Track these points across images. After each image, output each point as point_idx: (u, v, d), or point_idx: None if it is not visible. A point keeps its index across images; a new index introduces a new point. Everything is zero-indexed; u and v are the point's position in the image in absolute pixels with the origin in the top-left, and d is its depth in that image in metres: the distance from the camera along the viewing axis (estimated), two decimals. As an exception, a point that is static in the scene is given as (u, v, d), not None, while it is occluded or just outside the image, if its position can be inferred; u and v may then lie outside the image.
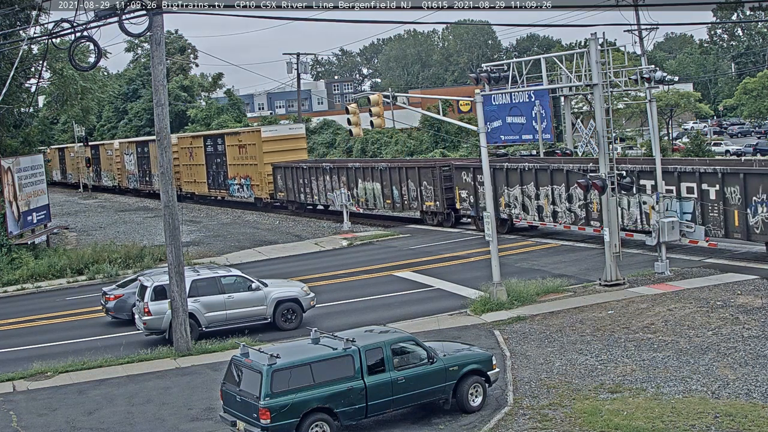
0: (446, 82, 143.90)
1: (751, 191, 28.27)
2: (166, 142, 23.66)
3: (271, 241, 44.27)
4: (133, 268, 36.83)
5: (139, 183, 73.09)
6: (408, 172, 44.04)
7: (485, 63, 32.02)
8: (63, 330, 28.70)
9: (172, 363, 23.15)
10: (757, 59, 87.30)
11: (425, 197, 42.96)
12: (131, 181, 74.91)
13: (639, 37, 57.14)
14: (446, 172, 41.95)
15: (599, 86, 27.31)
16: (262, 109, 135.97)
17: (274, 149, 54.65)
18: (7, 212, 39.17)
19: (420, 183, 43.09)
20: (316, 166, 51.34)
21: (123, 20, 21.98)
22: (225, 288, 25.62)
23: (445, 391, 17.69)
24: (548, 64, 29.42)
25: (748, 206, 28.31)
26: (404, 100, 29.32)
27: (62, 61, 42.90)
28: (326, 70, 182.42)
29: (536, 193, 36.40)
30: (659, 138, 32.93)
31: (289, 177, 53.13)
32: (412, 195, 43.74)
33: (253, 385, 16.16)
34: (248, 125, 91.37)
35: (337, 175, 48.95)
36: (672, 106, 65.67)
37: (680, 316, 23.13)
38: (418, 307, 27.37)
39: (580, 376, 19.36)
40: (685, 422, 16.07)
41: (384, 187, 45.53)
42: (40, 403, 20.65)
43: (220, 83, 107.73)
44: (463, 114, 76.64)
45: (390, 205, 45.66)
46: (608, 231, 27.31)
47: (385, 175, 45.41)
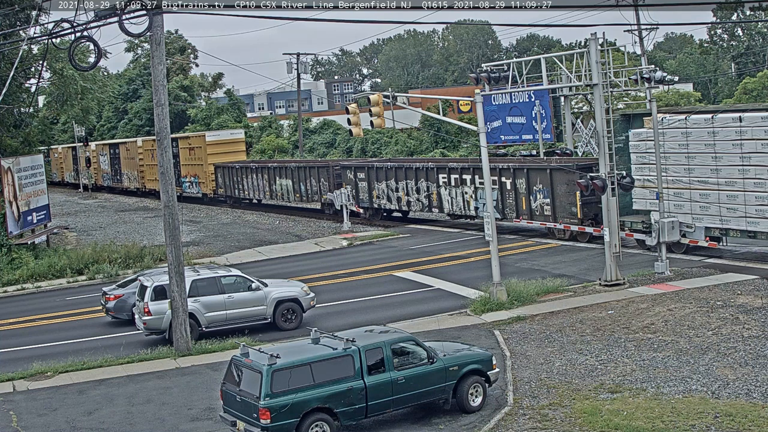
0: (446, 82, 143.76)
1: (532, 183, 36.06)
2: (166, 143, 23.65)
3: (271, 241, 44.27)
4: (133, 268, 36.83)
5: (112, 181, 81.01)
6: (310, 170, 51.62)
7: (485, 63, 32.02)
8: (63, 330, 28.70)
9: (172, 363, 23.15)
10: (757, 59, 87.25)
11: (323, 191, 50.00)
12: (105, 180, 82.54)
13: (639, 37, 57.18)
14: (337, 170, 49.22)
15: (599, 86, 27.31)
16: (262, 109, 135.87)
17: (216, 151, 62.04)
18: (7, 212, 39.18)
19: (319, 180, 50.47)
20: (246, 166, 58.75)
21: (123, 20, 21.97)
22: (225, 288, 25.63)
23: (445, 391, 17.69)
24: (548, 64, 29.42)
25: (531, 194, 36.00)
26: (404, 100, 29.35)
27: (62, 61, 42.87)
28: (326, 70, 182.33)
29: (395, 187, 44.70)
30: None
31: (227, 175, 60.95)
32: (314, 189, 51.17)
33: (253, 385, 16.16)
34: (248, 125, 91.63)
35: (261, 174, 56.62)
36: (672, 106, 65.61)
37: (680, 316, 23.13)
38: (418, 307, 27.37)
39: (580, 376, 19.36)
40: (685, 422, 16.07)
41: (294, 183, 53.07)
42: (40, 403, 20.66)
43: (220, 83, 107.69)
44: (463, 114, 76.55)
45: (299, 198, 53.05)
46: (608, 231, 27.31)
47: (295, 174, 52.78)
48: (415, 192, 43.32)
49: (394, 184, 44.70)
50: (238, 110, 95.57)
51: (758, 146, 27.51)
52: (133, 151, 74.33)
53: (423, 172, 42.87)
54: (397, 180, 44.48)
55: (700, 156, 29.34)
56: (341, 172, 48.86)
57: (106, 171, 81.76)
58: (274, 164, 57.79)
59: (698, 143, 29.37)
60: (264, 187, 56.77)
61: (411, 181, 43.62)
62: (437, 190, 41.57)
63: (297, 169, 52.78)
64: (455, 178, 40.59)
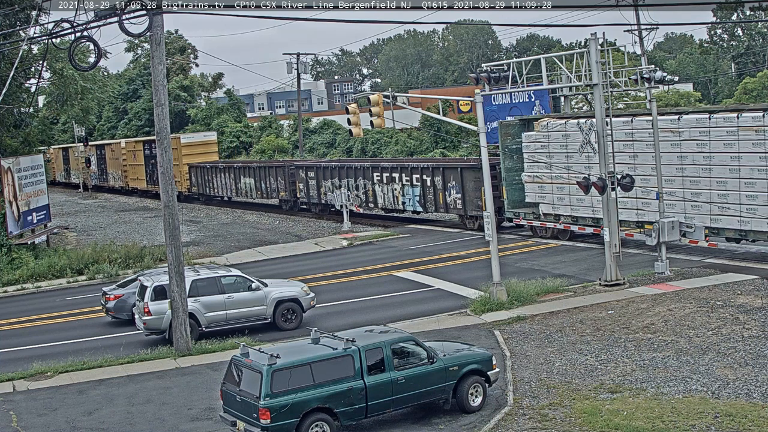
0: (446, 82, 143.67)
1: (447, 180, 40.92)
2: (167, 142, 23.65)
3: (271, 241, 44.27)
4: (133, 268, 36.82)
5: (99, 180, 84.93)
6: (269, 170, 56.11)
7: (485, 63, 32.00)
8: (63, 330, 28.70)
9: (172, 363, 23.15)
10: (757, 59, 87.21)
11: (280, 189, 54.94)
12: (93, 179, 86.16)
13: (639, 37, 57.10)
14: (291, 170, 53.85)
15: (599, 86, 27.29)
16: (262, 109, 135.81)
17: (190, 152, 66.07)
18: (7, 212, 39.17)
19: (276, 178, 55.19)
20: (215, 166, 63.29)
21: (123, 20, 21.97)
22: (225, 288, 25.62)
23: (445, 391, 17.69)
24: (548, 64, 29.41)
25: (446, 190, 40.83)
26: (404, 100, 29.47)
27: (62, 61, 42.88)
28: (326, 70, 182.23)
29: (339, 185, 48.58)
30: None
31: (199, 174, 65.67)
32: (273, 187, 55.83)
33: (253, 385, 16.16)
34: (248, 125, 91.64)
35: (228, 173, 60.96)
36: (672, 106, 65.61)
37: (680, 316, 23.12)
38: (418, 307, 27.37)
39: (580, 376, 19.36)
40: (685, 422, 16.07)
41: (256, 182, 57.65)
42: (40, 403, 20.66)
43: (220, 83, 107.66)
44: (463, 114, 76.49)
45: (260, 194, 57.68)
46: (608, 231, 27.30)
47: (257, 173, 57.47)
48: (355, 189, 47.63)
49: (338, 182, 48.92)
50: (238, 110, 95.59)
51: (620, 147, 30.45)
52: (117, 152, 77.75)
53: (361, 171, 47.33)
54: (340, 178, 48.80)
55: (576, 155, 33.94)
56: (295, 172, 53.57)
57: (93, 171, 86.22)
58: (238, 164, 62.04)
59: (575, 144, 34.02)
60: (231, 185, 60.97)
61: (351, 179, 48.08)
62: (372, 187, 46.46)
63: (258, 169, 57.64)
64: (387, 176, 45.25)
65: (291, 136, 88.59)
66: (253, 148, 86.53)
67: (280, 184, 54.71)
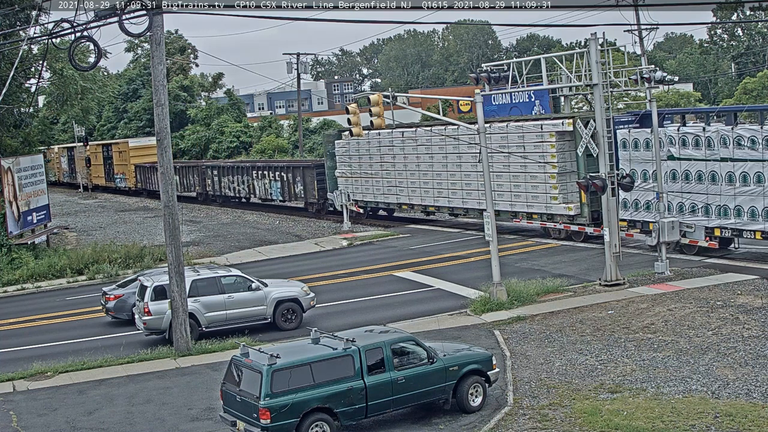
0: (446, 82, 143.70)
1: (295, 176, 52.68)
2: (166, 142, 23.62)
3: (271, 241, 44.27)
4: (133, 268, 36.81)
5: (69, 178, 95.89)
6: (188, 169, 67.68)
7: (485, 63, 32.02)
8: (63, 330, 28.70)
9: (172, 363, 23.15)
10: (757, 59, 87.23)
11: (196, 184, 66.39)
12: (65, 177, 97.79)
13: (639, 37, 57.06)
14: (203, 169, 65.12)
15: (599, 86, 27.30)
16: (262, 109, 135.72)
17: (137, 154, 75.61)
18: (7, 212, 39.16)
19: (193, 175, 66.46)
20: (153, 166, 68.36)
21: (123, 20, 21.96)
22: (225, 288, 25.62)
23: (445, 391, 17.69)
24: (548, 64, 29.42)
25: (295, 184, 52.62)
26: (404, 100, 29.60)
27: (62, 61, 42.85)
28: (326, 70, 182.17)
29: (233, 180, 60.08)
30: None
31: (142, 173, 74.74)
32: (191, 183, 67.18)
33: (253, 385, 16.16)
34: (248, 125, 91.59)
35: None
36: (672, 106, 65.60)
37: (680, 316, 23.13)
38: (418, 307, 27.37)
39: (580, 376, 19.36)
40: (685, 422, 16.07)
41: (181, 178, 67.72)
42: (40, 403, 20.66)
43: (220, 83, 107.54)
44: (463, 114, 76.50)
45: (183, 188, 67.47)
46: (608, 231, 27.30)
47: (180, 171, 67.13)
48: (242, 183, 59.33)
49: (232, 178, 60.66)
50: (238, 110, 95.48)
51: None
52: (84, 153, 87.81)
53: (245, 170, 58.97)
54: (233, 175, 60.65)
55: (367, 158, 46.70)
56: (205, 170, 64.86)
57: (65, 170, 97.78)
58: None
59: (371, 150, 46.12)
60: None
61: (240, 176, 59.77)
62: (252, 182, 57.71)
63: (180, 168, 67.71)
64: (261, 173, 56.66)
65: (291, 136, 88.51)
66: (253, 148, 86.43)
67: (196, 180, 66.17)
